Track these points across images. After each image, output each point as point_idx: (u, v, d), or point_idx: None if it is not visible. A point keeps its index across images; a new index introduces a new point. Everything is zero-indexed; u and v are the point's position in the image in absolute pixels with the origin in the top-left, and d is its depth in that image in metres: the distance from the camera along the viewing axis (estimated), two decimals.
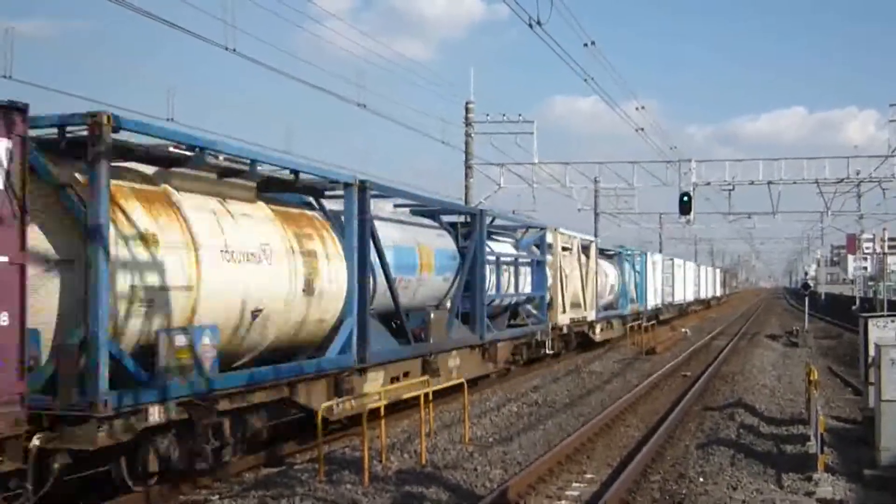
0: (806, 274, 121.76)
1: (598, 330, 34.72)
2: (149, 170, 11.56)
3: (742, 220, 53.91)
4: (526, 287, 25.84)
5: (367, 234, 15.16)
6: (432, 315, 18.50)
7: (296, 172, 13.88)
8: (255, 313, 12.20)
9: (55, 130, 10.15)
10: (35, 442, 9.21)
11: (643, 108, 33.15)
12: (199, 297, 11.23)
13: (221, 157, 12.26)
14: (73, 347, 9.61)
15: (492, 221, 22.98)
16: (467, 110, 34.10)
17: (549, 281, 27.30)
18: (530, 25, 16.01)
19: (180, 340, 10.72)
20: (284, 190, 14.27)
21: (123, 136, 10.42)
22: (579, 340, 32.50)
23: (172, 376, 10.57)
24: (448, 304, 19.94)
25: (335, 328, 14.62)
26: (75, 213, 9.85)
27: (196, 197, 11.76)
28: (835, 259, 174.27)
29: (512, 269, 24.74)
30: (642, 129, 32.39)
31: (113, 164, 10.18)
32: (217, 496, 11.95)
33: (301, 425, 14.69)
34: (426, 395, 14.72)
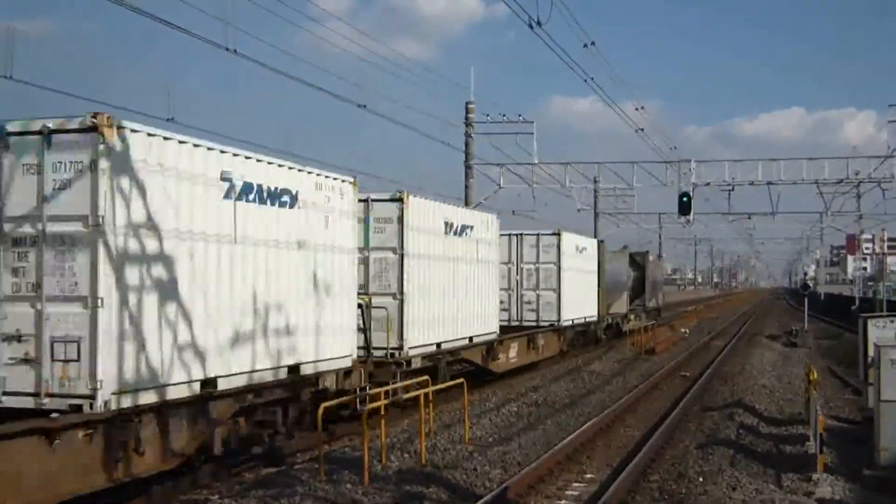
0: (805, 274, 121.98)
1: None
2: None
3: (742, 220, 53.91)
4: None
5: None
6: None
7: None
8: None
9: None
10: None
11: (643, 108, 33.21)
12: None
13: None
14: None
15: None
16: (467, 110, 34.09)
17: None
18: (530, 26, 16.07)
19: None
20: None
21: None
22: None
23: None
24: None
25: None
26: None
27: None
28: (834, 259, 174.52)
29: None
30: (642, 130, 32.44)
31: None
32: (217, 496, 11.97)
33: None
34: (426, 395, 14.77)
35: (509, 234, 28.38)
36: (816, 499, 11.69)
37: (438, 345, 19.54)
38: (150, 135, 10.84)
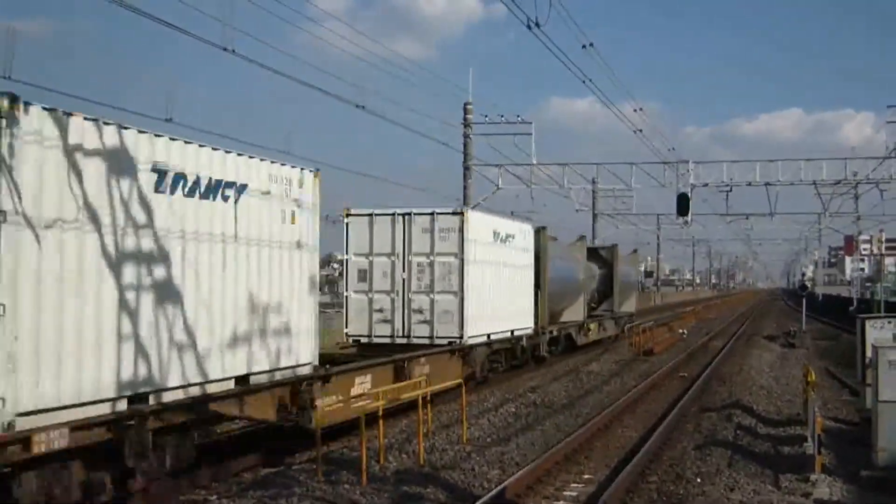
0: (803, 275, 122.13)
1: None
2: None
3: (740, 221, 53.91)
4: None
5: None
6: None
7: None
8: None
9: None
10: None
11: (641, 109, 33.27)
12: None
13: None
14: None
15: None
16: (466, 111, 34.13)
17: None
18: (529, 27, 16.09)
19: None
20: None
21: None
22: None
23: None
24: None
25: None
26: None
27: None
28: (832, 260, 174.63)
29: None
30: (640, 131, 32.50)
31: None
32: (216, 496, 11.97)
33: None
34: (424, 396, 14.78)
35: (393, 214, 20.71)
36: (814, 499, 11.70)
37: (136, 397, 10.52)
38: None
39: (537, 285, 26.44)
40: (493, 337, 22.45)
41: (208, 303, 11.86)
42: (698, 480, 12.75)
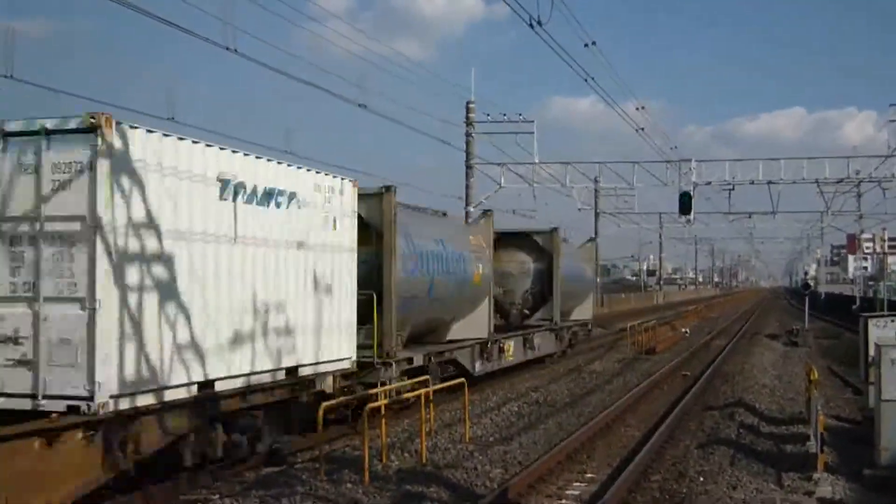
0: (806, 274, 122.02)
1: None
2: None
3: (742, 219, 54.02)
4: None
5: None
6: None
7: None
8: None
9: None
10: None
11: (643, 108, 33.24)
12: None
13: None
14: None
15: None
16: (468, 110, 34.17)
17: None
18: (531, 25, 16.09)
19: None
20: None
21: None
22: None
23: None
24: None
25: None
26: None
27: None
28: (835, 259, 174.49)
29: None
30: (642, 129, 32.47)
31: None
32: (218, 495, 11.96)
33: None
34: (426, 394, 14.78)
35: None
36: (817, 498, 11.69)
37: None
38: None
39: (378, 284, 16.70)
40: (221, 386, 11.87)
41: None
42: (701, 479, 12.74)
